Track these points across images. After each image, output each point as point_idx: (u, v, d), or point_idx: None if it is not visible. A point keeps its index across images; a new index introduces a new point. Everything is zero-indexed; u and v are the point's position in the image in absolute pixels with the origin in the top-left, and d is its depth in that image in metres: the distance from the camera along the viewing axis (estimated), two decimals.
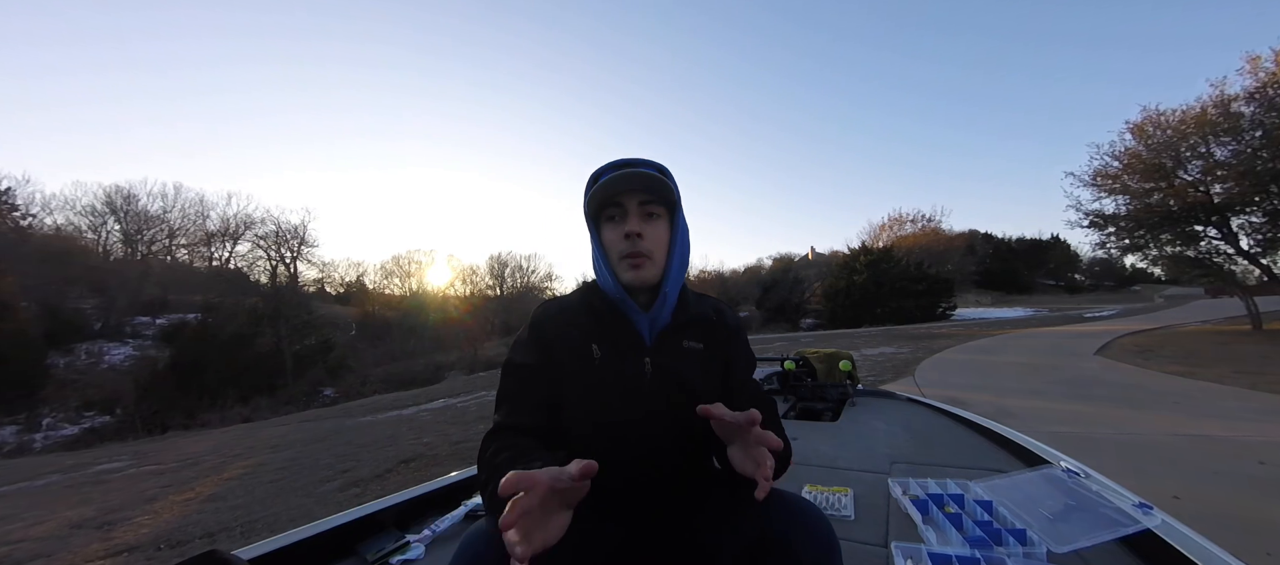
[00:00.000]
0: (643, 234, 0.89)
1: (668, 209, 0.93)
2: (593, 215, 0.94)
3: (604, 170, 0.92)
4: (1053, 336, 13.01)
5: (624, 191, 0.89)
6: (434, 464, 4.94)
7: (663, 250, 0.92)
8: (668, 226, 0.93)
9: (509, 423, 0.86)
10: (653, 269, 0.90)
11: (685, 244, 0.97)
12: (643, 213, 0.90)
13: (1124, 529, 1.07)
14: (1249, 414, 4.43)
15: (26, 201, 23.16)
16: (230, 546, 1.40)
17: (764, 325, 36.82)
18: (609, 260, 0.92)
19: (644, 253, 0.89)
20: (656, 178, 0.89)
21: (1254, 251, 11.75)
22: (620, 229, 0.90)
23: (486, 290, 41.26)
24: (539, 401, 0.88)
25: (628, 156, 0.93)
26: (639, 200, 0.90)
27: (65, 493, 5.76)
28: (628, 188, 0.88)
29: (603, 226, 0.93)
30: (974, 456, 1.81)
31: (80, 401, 17.77)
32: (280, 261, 29.79)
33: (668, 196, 0.91)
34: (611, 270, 0.91)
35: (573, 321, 0.93)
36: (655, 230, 0.91)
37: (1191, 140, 11.26)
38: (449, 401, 10.84)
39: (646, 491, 0.90)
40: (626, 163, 0.91)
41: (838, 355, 2.92)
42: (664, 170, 0.93)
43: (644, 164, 0.91)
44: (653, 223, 0.91)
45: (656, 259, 0.91)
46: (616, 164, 0.92)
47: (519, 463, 0.69)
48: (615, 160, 0.93)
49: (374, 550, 1.22)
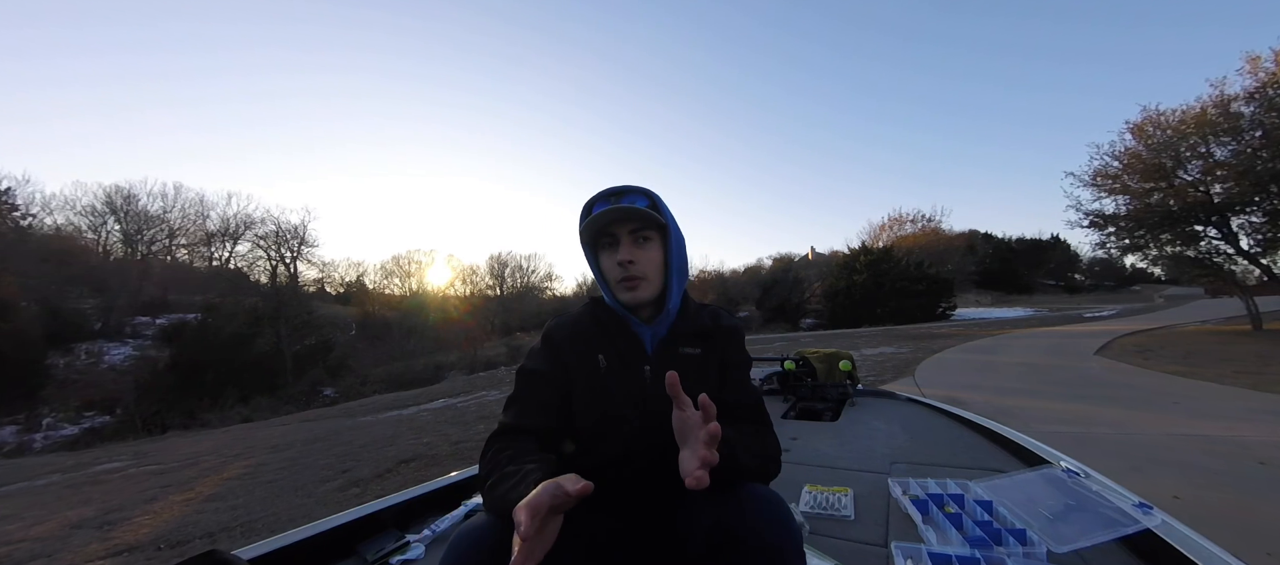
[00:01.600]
0: (635, 260, 0.96)
1: (660, 231, 1.00)
2: (589, 243, 1.02)
3: (596, 201, 1.00)
4: (1053, 336, 13.01)
5: (615, 222, 0.97)
6: (434, 464, 4.94)
7: (657, 269, 0.99)
8: (661, 247, 1.00)
9: (514, 424, 0.93)
10: (648, 288, 0.98)
11: (681, 259, 1.04)
12: (635, 239, 0.98)
13: (1124, 529, 1.07)
14: (1249, 414, 4.43)
15: (26, 201, 23.18)
16: (230, 546, 1.41)
17: (764, 325, 36.80)
18: (608, 284, 1.00)
19: (638, 276, 0.97)
20: (644, 211, 0.96)
21: (1254, 251, 11.76)
22: (615, 257, 0.98)
23: (486, 290, 41.32)
24: (545, 405, 0.95)
25: (617, 185, 1.01)
26: (630, 228, 0.97)
27: (65, 493, 5.76)
28: (618, 219, 0.96)
29: (600, 254, 1.02)
30: (974, 456, 1.81)
31: (80, 401, 17.76)
32: (280, 261, 29.80)
33: (658, 222, 0.98)
34: (611, 292, 1.00)
35: (581, 334, 1.01)
36: (648, 253, 0.98)
37: (1191, 140, 11.26)
38: (449, 401, 10.84)
39: (646, 487, 0.95)
40: (616, 193, 1.00)
41: (838, 355, 2.92)
42: (653, 199, 1.01)
43: (633, 195, 0.99)
44: (645, 247, 0.98)
45: (651, 278, 0.98)
46: (607, 195, 1.00)
47: (516, 462, 0.78)
48: (606, 190, 1.01)
49: (374, 550, 1.23)
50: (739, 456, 0.82)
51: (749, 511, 0.76)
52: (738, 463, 0.81)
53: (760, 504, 0.77)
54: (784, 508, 0.79)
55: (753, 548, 0.73)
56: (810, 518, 1.40)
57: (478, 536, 0.73)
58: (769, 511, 0.77)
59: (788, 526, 0.76)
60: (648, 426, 0.94)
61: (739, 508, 0.77)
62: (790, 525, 0.77)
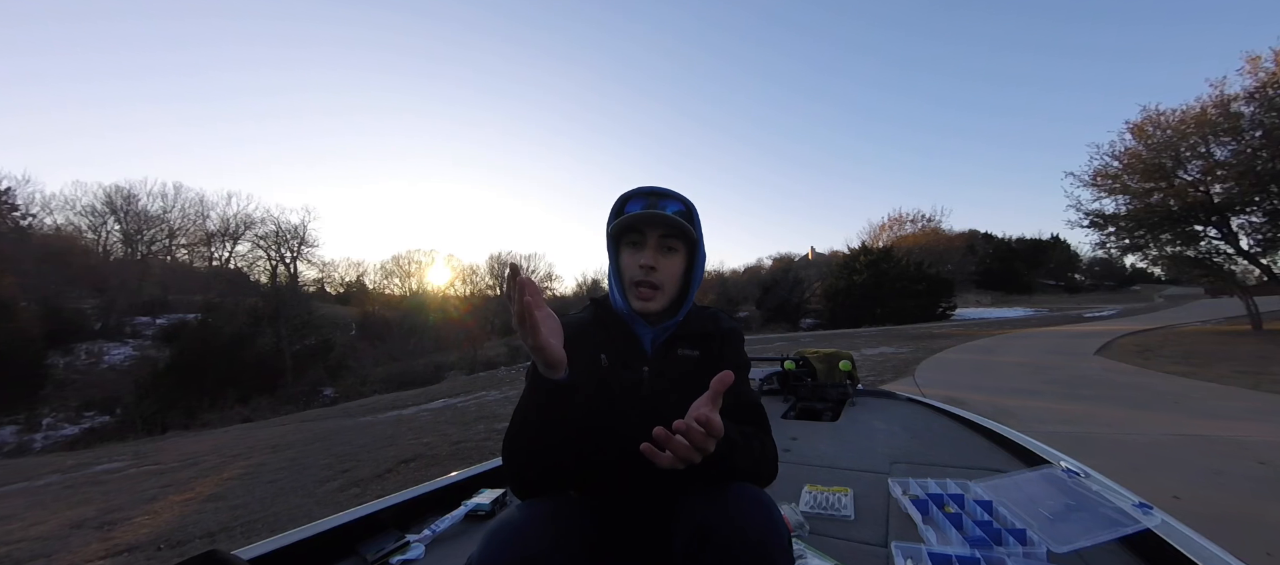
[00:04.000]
0: (657, 267, 0.95)
1: (688, 243, 0.99)
2: (614, 235, 1.00)
3: (632, 197, 0.99)
4: (1053, 336, 13.01)
5: (647, 224, 0.96)
6: (434, 464, 4.94)
7: (674, 282, 0.99)
8: (684, 259, 1.00)
9: None
10: (660, 300, 0.97)
11: (700, 274, 1.04)
12: (661, 246, 0.97)
13: (1124, 529, 1.07)
14: (1249, 414, 4.43)
15: (26, 201, 23.22)
16: (230, 546, 1.41)
17: (764, 325, 36.79)
18: (622, 282, 1.00)
19: (655, 284, 0.96)
20: (679, 221, 0.95)
21: (1254, 251, 11.76)
22: (637, 257, 0.96)
23: (486, 290, 41.30)
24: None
25: (657, 186, 1.00)
26: (659, 233, 0.96)
27: (65, 493, 5.75)
28: (650, 223, 0.95)
29: (622, 249, 1.00)
30: (974, 456, 1.81)
31: (80, 401, 17.77)
32: (280, 261, 29.83)
33: (689, 234, 0.97)
34: (623, 292, 1.00)
35: (585, 335, 1.01)
36: (670, 263, 0.98)
37: (1191, 140, 11.26)
38: (449, 401, 10.84)
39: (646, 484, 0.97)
40: (654, 194, 0.99)
41: (838, 355, 2.92)
42: (690, 208, 1.00)
43: (671, 200, 0.99)
44: (669, 256, 0.98)
45: (666, 290, 0.98)
46: (644, 193, 0.99)
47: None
48: (644, 188, 1.00)
49: (374, 550, 1.23)
50: (735, 456, 0.83)
51: (734, 508, 0.77)
52: (732, 462, 0.82)
53: (746, 501, 0.78)
54: (770, 505, 0.79)
55: (738, 544, 0.73)
56: (810, 518, 1.39)
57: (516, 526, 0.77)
58: (755, 508, 0.77)
59: (774, 524, 0.77)
60: (646, 424, 0.95)
61: (725, 505, 0.77)
62: (777, 523, 0.77)
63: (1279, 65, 10.18)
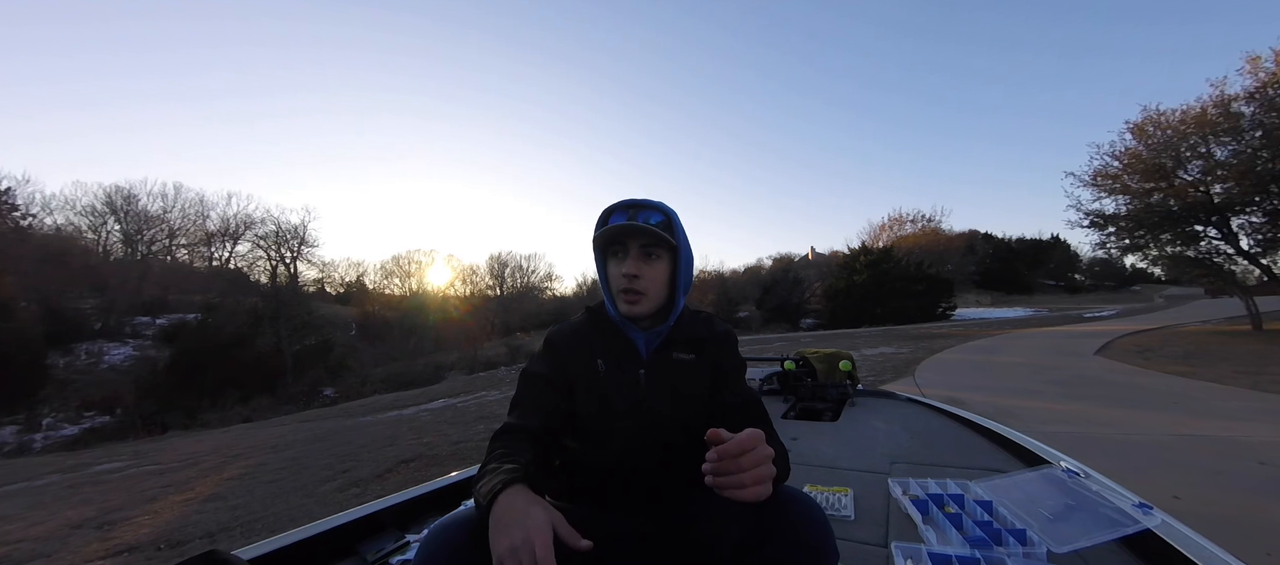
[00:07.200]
0: (640, 274, 0.99)
1: (669, 249, 1.03)
2: (600, 248, 1.05)
3: (614, 211, 1.03)
4: (1053, 336, 13.01)
5: (628, 235, 1.00)
6: (434, 464, 4.94)
7: (660, 287, 1.02)
8: (669, 264, 1.03)
9: (515, 424, 0.97)
10: (646, 304, 1.01)
11: (687, 278, 1.08)
12: (643, 254, 1.00)
13: (1124, 529, 1.07)
14: (1249, 414, 4.43)
15: (26, 201, 23.12)
16: (230, 546, 1.40)
17: (764, 325, 36.78)
18: (611, 291, 1.04)
19: (640, 291, 1.00)
20: (657, 232, 0.99)
21: (1254, 251, 11.77)
22: (621, 266, 1.01)
23: (486, 290, 41.36)
24: (544, 407, 0.99)
25: (636, 198, 1.04)
26: (640, 243, 1.00)
27: (65, 493, 5.75)
28: (631, 233, 1.00)
29: (608, 260, 1.05)
30: (974, 456, 1.81)
31: (80, 401, 17.74)
32: (280, 261, 29.76)
33: (668, 242, 1.00)
34: (613, 300, 1.04)
35: (581, 339, 1.05)
36: (654, 270, 1.01)
37: (1191, 140, 11.28)
38: (449, 402, 10.84)
39: (644, 484, 1.00)
40: (635, 206, 1.03)
41: (838, 355, 2.92)
42: (669, 217, 1.03)
43: (649, 211, 1.02)
44: (652, 263, 1.01)
45: (652, 295, 1.01)
46: (625, 206, 1.03)
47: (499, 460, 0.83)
48: (624, 202, 1.04)
49: (374, 550, 1.23)
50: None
51: (791, 514, 0.75)
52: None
53: (796, 504, 0.77)
54: (819, 511, 0.78)
55: (790, 546, 0.73)
56: None
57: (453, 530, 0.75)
58: (805, 511, 0.76)
59: (823, 526, 0.76)
60: (642, 426, 1.00)
61: (780, 511, 0.75)
62: (825, 525, 0.76)
63: (1279, 65, 10.19)
